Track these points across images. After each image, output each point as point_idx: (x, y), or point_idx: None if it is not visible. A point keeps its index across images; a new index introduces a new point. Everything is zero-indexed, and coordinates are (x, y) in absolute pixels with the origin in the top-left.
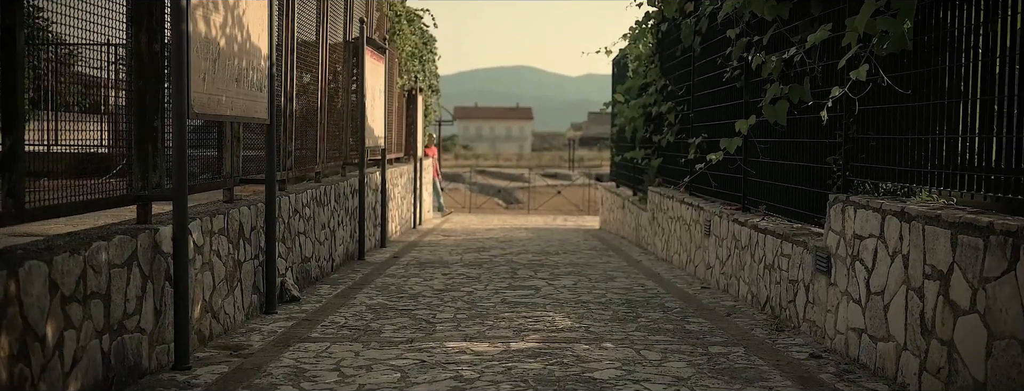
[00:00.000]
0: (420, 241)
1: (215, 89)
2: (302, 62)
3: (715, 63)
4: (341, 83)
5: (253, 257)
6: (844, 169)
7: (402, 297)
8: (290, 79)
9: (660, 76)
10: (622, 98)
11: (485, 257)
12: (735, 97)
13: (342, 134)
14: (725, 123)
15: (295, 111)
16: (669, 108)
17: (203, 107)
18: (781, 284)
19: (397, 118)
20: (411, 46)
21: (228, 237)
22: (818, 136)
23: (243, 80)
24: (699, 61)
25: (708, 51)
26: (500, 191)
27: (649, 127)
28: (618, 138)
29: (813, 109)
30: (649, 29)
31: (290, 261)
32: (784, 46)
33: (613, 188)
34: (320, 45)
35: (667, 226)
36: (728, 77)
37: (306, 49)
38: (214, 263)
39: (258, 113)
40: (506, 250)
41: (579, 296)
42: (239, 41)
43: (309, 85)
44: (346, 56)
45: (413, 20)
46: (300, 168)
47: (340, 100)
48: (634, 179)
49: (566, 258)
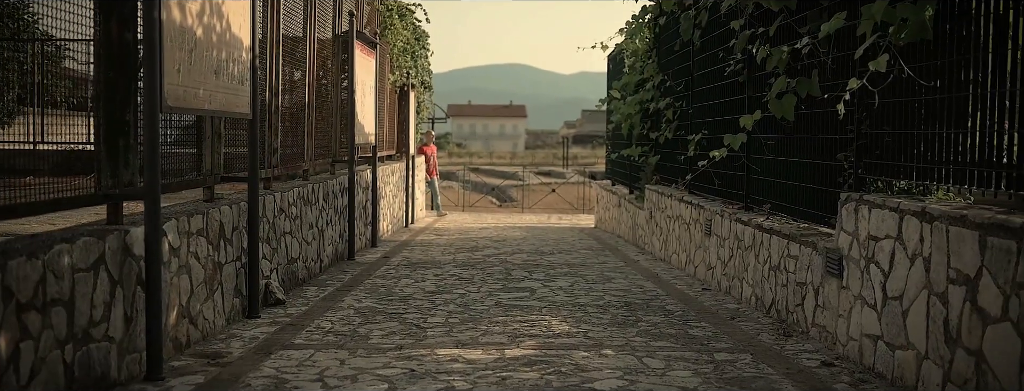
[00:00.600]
0: (412, 240)
1: (192, 81)
2: (288, 56)
3: (716, 57)
4: (330, 78)
5: (235, 259)
6: (856, 166)
7: (392, 300)
8: (275, 73)
9: (658, 72)
10: (618, 94)
11: (478, 257)
12: (737, 92)
13: (331, 131)
14: (726, 119)
15: (281, 106)
16: (667, 104)
17: (178, 100)
18: (788, 287)
19: (389, 115)
20: (403, 41)
21: (207, 238)
22: (827, 132)
23: (223, 72)
24: (699, 56)
25: (708, 45)
26: (494, 189)
27: (646, 124)
28: (614, 135)
29: (820, 104)
30: (646, 24)
31: (275, 262)
32: (790, 38)
33: (609, 186)
34: (307, 38)
35: (665, 225)
36: (730, 71)
37: (292, 42)
38: (192, 266)
39: (239, 108)
40: (500, 250)
41: (576, 298)
42: (218, 31)
43: (296, 80)
44: (335, 50)
45: (405, 15)
46: (287, 165)
47: (329, 96)
48: (631, 177)
49: (561, 258)
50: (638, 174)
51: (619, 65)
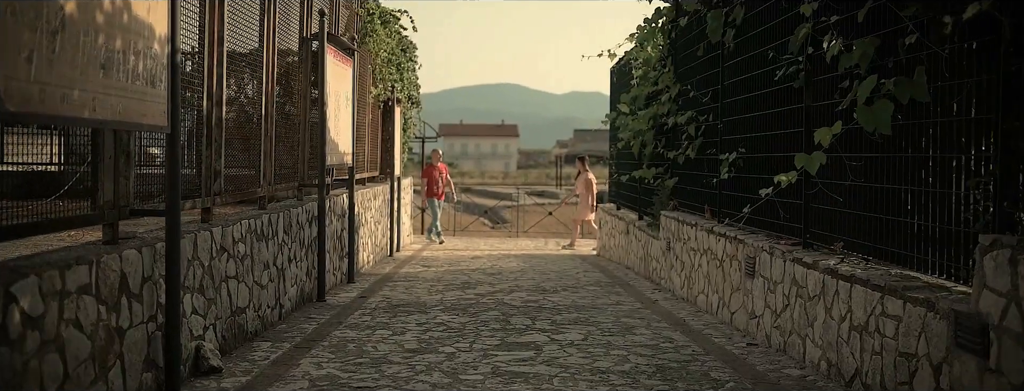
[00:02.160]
0: (396, 273)
1: (58, 77)
2: (239, 58)
3: (756, 61)
4: (298, 88)
5: (147, 320)
6: (1000, 197)
7: (361, 364)
8: (217, 77)
9: (675, 82)
10: (626, 109)
11: (471, 297)
12: (786, 101)
13: (299, 149)
14: (772, 134)
15: (227, 119)
16: (689, 118)
17: (27, 103)
18: (884, 356)
19: (371, 132)
20: (387, 51)
21: (98, 296)
22: (941, 149)
23: (117, 68)
24: (730, 60)
25: (745, 46)
26: (487, 211)
27: (660, 141)
28: (620, 155)
29: (920, 112)
30: (660, 28)
31: (212, 317)
32: (877, 28)
33: (613, 210)
34: (265, 37)
35: (689, 259)
36: (783, 75)
37: (244, 41)
38: (68, 339)
39: (149, 118)
40: (495, 286)
41: (594, 360)
42: (108, 10)
43: (249, 87)
44: (304, 56)
45: (389, 21)
46: (236, 192)
47: (297, 108)
48: (641, 201)
49: (568, 297)
50: (650, 198)
51: (625, 77)
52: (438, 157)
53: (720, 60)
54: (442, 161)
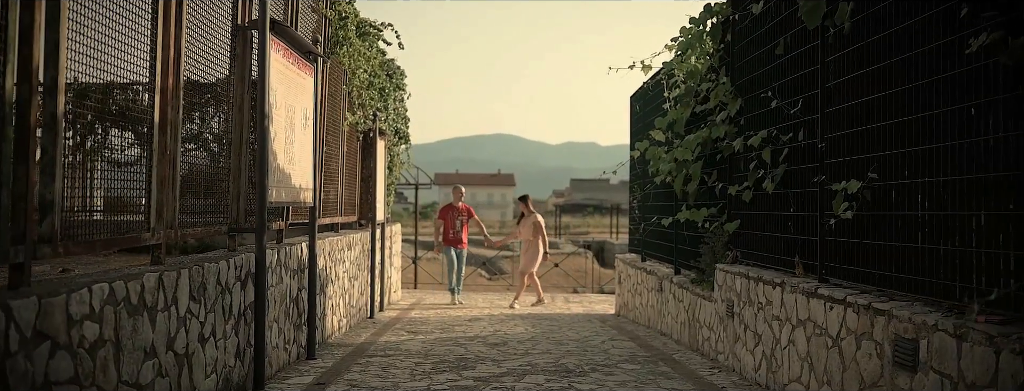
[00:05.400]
0: (373, 343)
1: None
2: (108, 18)
3: (908, 36)
4: (231, 94)
5: None
6: None
7: None
8: (39, 43)
9: (733, 95)
10: (661, 136)
11: (469, 383)
12: (979, 90)
13: (231, 178)
14: (927, 148)
15: (65, 113)
16: (761, 140)
17: None
18: None
19: (347, 168)
20: (366, 70)
21: None
22: None
23: None
24: (841, 50)
25: (878, 21)
26: (484, 263)
27: (711, 174)
28: (648, 196)
29: None
30: (707, 31)
31: None
32: None
33: (637, 262)
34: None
35: (769, 332)
36: (980, 45)
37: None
38: None
39: None
40: (501, 365)
41: None
42: None
43: (128, 69)
44: (239, 50)
45: (368, 34)
46: (84, 243)
47: (231, 123)
48: (679, 251)
49: (603, 384)
50: (695, 247)
51: (649, 103)
52: (461, 195)
53: (820, 53)
54: (464, 200)
